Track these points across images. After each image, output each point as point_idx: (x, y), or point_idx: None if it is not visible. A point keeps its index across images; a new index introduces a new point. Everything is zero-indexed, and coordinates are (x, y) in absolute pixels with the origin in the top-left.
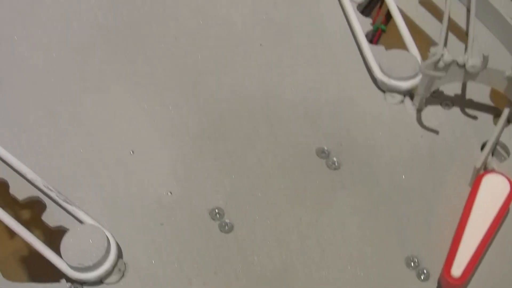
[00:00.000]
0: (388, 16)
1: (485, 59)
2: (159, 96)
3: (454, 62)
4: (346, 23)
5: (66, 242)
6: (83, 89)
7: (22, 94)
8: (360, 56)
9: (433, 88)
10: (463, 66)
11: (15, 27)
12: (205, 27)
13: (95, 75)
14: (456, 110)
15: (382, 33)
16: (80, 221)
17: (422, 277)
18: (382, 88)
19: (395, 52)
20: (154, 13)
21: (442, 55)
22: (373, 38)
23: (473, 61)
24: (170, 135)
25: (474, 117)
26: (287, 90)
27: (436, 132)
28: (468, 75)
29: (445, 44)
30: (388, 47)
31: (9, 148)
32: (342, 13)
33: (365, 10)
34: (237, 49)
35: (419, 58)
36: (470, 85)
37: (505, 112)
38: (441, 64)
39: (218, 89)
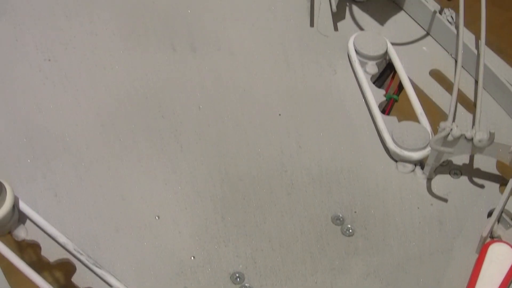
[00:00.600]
0: (400, 86)
1: (492, 136)
2: (184, 163)
3: (462, 136)
4: (360, 93)
5: None
6: (112, 156)
7: (54, 160)
8: (373, 126)
9: (442, 159)
10: (470, 140)
11: (46, 96)
12: (227, 97)
13: (123, 142)
14: (464, 178)
15: (394, 102)
16: (109, 285)
17: None
18: (394, 157)
19: (407, 124)
20: (179, 83)
21: (451, 130)
22: (386, 107)
23: (480, 135)
24: (193, 201)
25: (481, 186)
26: (304, 159)
27: (445, 200)
28: (476, 148)
29: (454, 118)
30: (400, 114)
31: (42, 212)
32: (357, 84)
33: (378, 80)
34: (257, 119)
35: (429, 129)
36: (478, 155)
37: (511, 181)
38: (450, 138)
39: (238, 156)
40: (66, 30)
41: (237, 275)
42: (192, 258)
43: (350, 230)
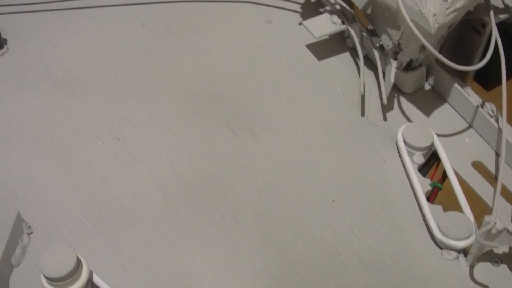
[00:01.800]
0: (444, 175)
1: None
2: (244, 243)
3: (505, 230)
4: (408, 182)
5: None
6: (177, 234)
7: (123, 236)
8: (420, 213)
9: (485, 250)
10: None
11: (116, 174)
12: (285, 182)
13: (188, 222)
14: (504, 267)
15: (438, 190)
16: None
17: None
18: (440, 245)
19: (452, 214)
20: (240, 166)
21: (495, 224)
22: (431, 194)
23: None
24: (253, 281)
25: None
26: (356, 243)
27: (486, 287)
28: None
29: (497, 212)
30: (444, 202)
31: (113, 285)
32: (404, 173)
33: (423, 169)
34: (313, 203)
35: (472, 219)
36: None
37: None
38: (493, 231)
39: (295, 239)
40: (134, 111)
41: None
42: None
43: None
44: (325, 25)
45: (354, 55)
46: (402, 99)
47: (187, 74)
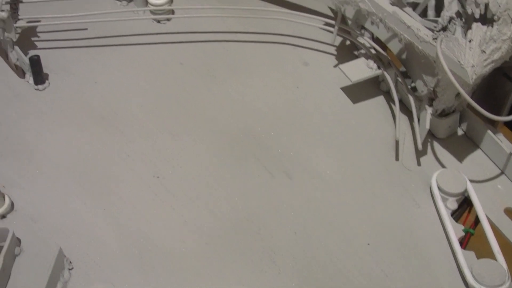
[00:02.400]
0: (476, 221)
1: None
2: (282, 286)
3: None
4: (441, 227)
5: None
6: (215, 274)
7: (162, 274)
8: (453, 259)
9: None
10: None
11: (155, 212)
12: (321, 225)
13: (225, 262)
14: None
15: (471, 236)
16: None
17: None
18: None
19: (485, 262)
20: (277, 208)
21: None
22: (463, 240)
23: None
24: None
25: None
26: (392, 287)
27: None
28: None
29: None
30: (476, 248)
31: None
32: (438, 219)
33: (455, 214)
34: (348, 246)
35: (505, 266)
36: None
37: None
38: None
39: (330, 283)
40: (172, 149)
41: None
42: None
43: None
44: (361, 69)
45: (388, 98)
46: (436, 144)
47: (224, 113)
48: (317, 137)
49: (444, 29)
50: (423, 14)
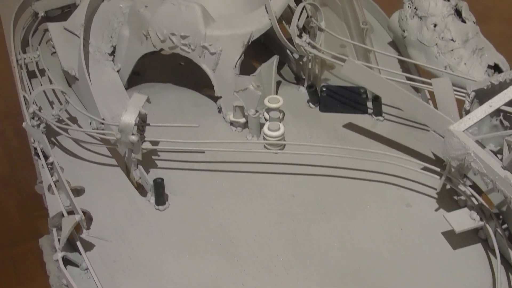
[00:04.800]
0: None
1: None
2: None
3: None
4: None
5: None
6: None
7: None
8: None
9: None
10: None
11: None
12: None
13: None
14: None
15: None
16: None
17: None
18: None
19: None
20: None
21: None
22: None
23: None
24: None
25: None
26: None
27: None
28: None
29: None
30: None
31: None
32: None
33: None
34: None
35: None
36: None
37: None
38: None
39: None
40: (285, 283)
41: None
42: None
43: None
44: (465, 220)
45: (486, 246)
46: None
47: (332, 249)
48: (417, 280)
49: None
50: None
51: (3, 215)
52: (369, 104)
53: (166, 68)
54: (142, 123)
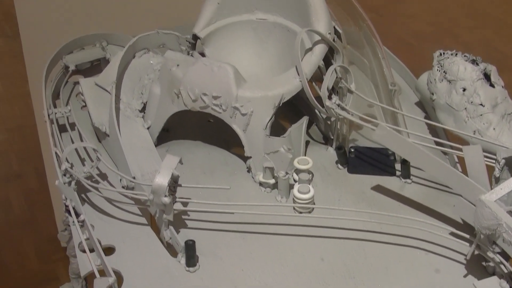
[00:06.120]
0: None
1: None
2: None
3: None
4: None
5: None
6: None
7: None
8: None
9: None
10: None
11: None
12: None
13: None
14: None
15: None
16: None
17: None
18: None
19: None
20: None
21: None
22: None
23: None
24: None
25: None
26: None
27: None
28: None
29: None
30: None
31: None
32: None
33: None
34: None
35: None
36: None
37: None
38: None
39: None
40: None
41: None
42: None
43: None
44: None
45: None
46: None
47: None
48: None
49: None
50: None
51: (22, 259)
52: (397, 166)
53: (195, 125)
54: (174, 183)
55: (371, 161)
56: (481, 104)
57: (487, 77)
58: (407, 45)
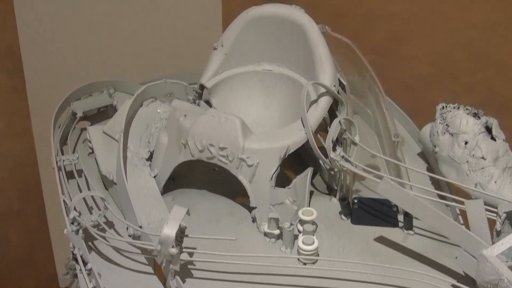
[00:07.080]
0: None
1: None
2: None
3: None
4: None
5: None
6: None
7: None
8: None
9: None
10: None
11: None
12: None
13: None
14: None
15: None
16: None
17: None
18: None
19: None
20: None
21: None
22: None
23: None
24: None
25: None
26: None
27: None
28: None
29: None
30: None
31: None
32: None
33: None
34: None
35: None
36: None
37: None
38: None
39: None
40: None
41: None
42: None
43: None
44: None
45: None
46: None
47: None
48: None
49: None
50: None
51: None
52: (400, 217)
53: (201, 173)
54: (181, 234)
55: (374, 212)
56: (483, 158)
57: (488, 130)
58: (409, 88)
